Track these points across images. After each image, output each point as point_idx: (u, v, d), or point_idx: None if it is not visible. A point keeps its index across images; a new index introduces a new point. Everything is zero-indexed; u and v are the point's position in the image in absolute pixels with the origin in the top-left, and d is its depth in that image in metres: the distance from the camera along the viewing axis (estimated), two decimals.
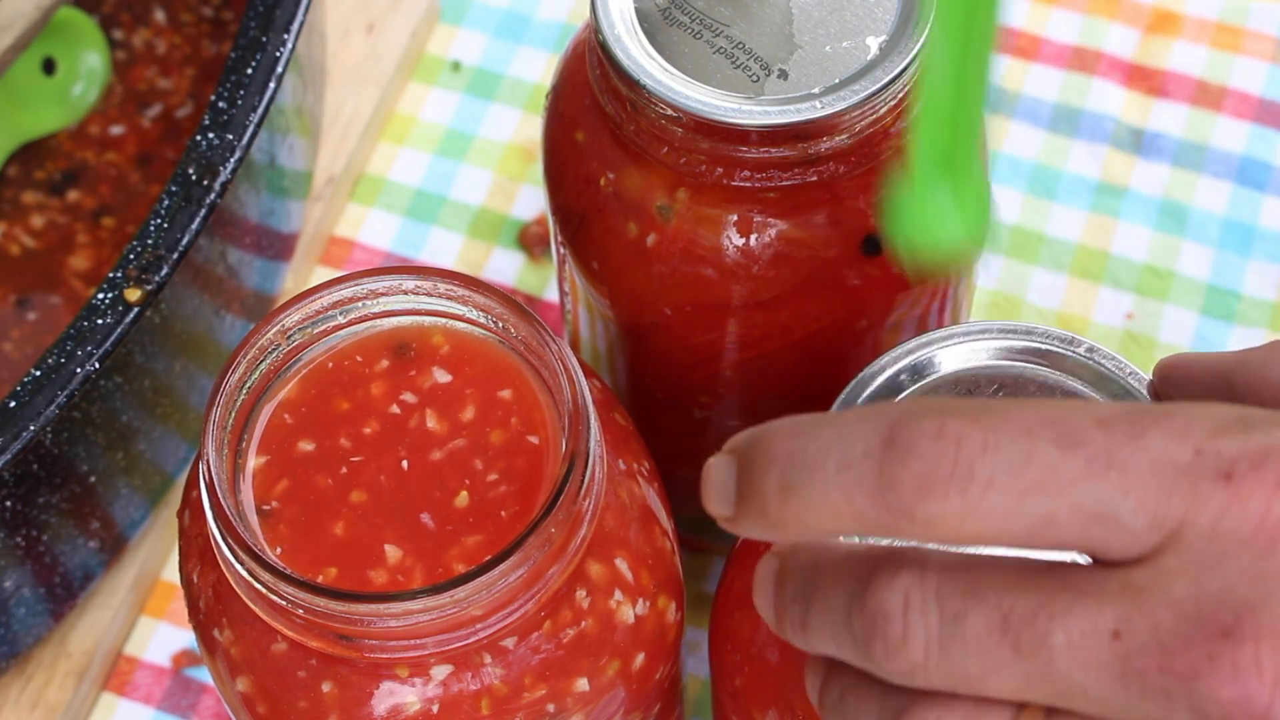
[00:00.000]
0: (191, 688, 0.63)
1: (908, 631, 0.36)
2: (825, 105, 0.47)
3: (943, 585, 0.36)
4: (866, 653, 0.36)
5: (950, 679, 0.36)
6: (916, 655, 0.36)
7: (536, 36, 0.75)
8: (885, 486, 0.35)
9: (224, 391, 0.45)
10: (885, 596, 0.36)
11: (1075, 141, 0.72)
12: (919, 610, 0.36)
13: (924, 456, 0.35)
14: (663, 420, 0.56)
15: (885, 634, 0.36)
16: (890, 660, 0.36)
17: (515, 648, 0.45)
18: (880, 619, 0.36)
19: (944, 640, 0.35)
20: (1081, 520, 0.35)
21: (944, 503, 0.35)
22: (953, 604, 0.36)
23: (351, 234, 0.71)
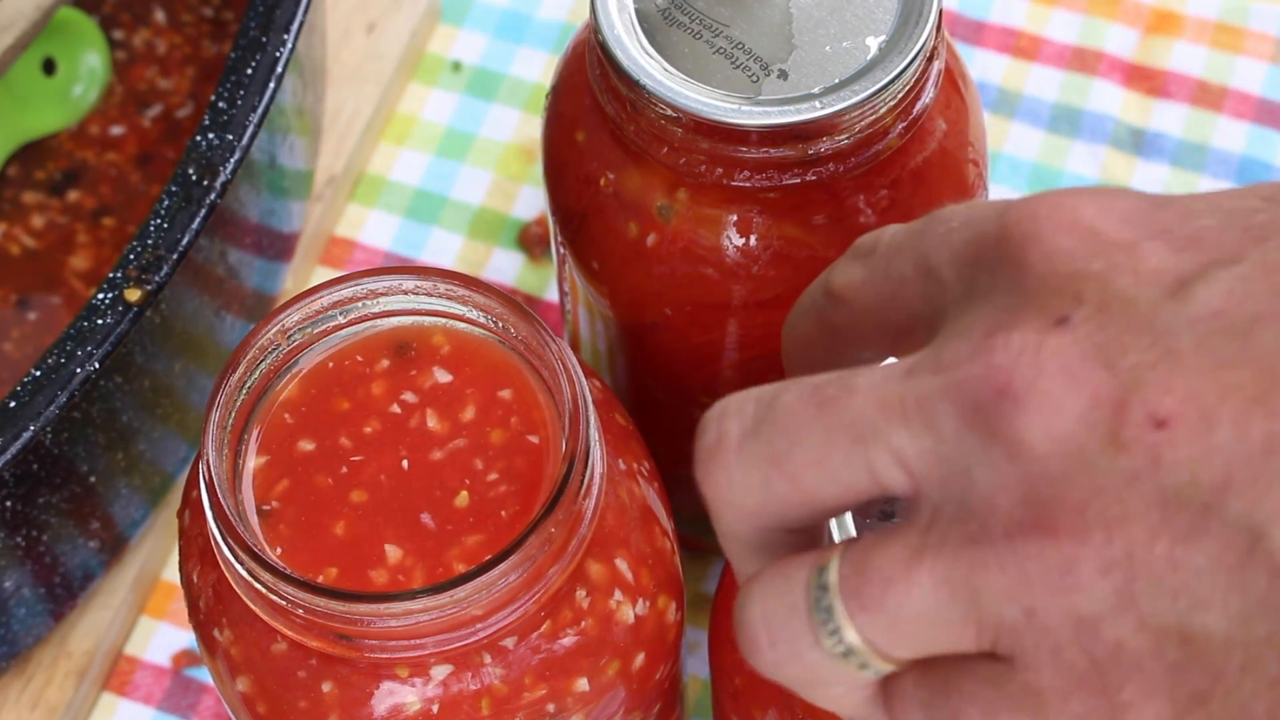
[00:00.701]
0: (191, 688, 0.63)
1: (720, 432, 0.36)
2: (825, 105, 0.47)
3: (763, 390, 0.37)
4: (704, 498, 0.37)
5: (761, 472, 0.36)
6: (728, 456, 0.36)
7: (536, 36, 0.75)
8: (823, 289, 0.40)
9: (224, 391, 0.45)
10: (706, 416, 0.37)
11: (1075, 141, 0.72)
12: (734, 412, 0.36)
13: (703, 430, 0.37)
14: (663, 420, 0.56)
15: (699, 445, 0.37)
16: (704, 474, 0.37)
17: (515, 647, 0.45)
18: (700, 433, 0.37)
19: (755, 427, 0.36)
20: (916, 276, 0.37)
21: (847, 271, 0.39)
22: (768, 393, 0.36)
23: (352, 234, 0.71)
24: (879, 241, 0.38)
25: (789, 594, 0.35)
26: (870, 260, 0.38)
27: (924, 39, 0.48)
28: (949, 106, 0.51)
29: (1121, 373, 0.33)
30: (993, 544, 0.33)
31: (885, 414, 0.34)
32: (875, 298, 0.38)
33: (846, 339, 0.40)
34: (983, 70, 0.73)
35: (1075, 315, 0.33)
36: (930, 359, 0.35)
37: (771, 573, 0.36)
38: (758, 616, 0.36)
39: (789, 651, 0.35)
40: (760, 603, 0.36)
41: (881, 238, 0.38)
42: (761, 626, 0.36)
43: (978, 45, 0.74)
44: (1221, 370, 0.32)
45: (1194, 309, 0.33)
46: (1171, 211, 0.35)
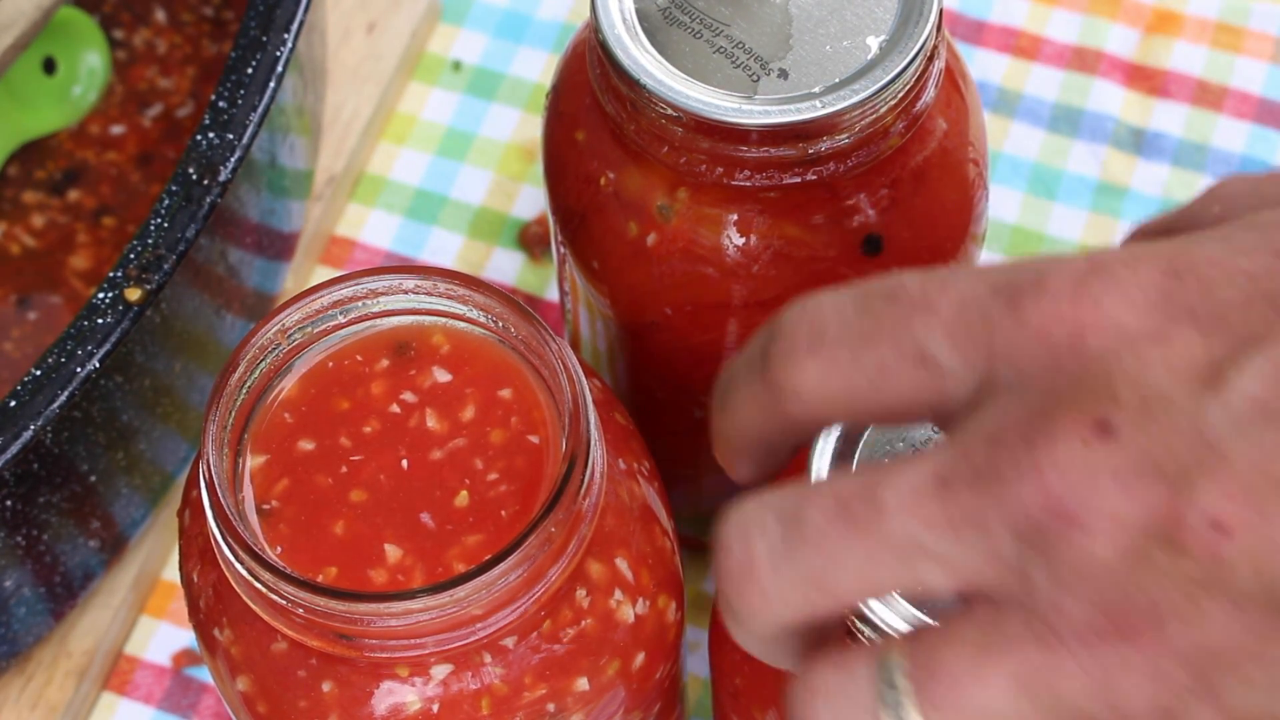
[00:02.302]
0: (192, 687, 0.63)
1: (747, 552, 0.35)
2: (825, 105, 0.47)
3: (777, 499, 0.36)
4: (725, 606, 0.36)
5: (801, 593, 0.35)
6: (762, 576, 0.35)
7: (537, 36, 0.75)
8: (764, 367, 0.37)
9: (224, 391, 0.45)
10: (720, 532, 0.36)
11: (1076, 141, 0.72)
12: (757, 529, 0.35)
13: (786, 330, 0.37)
14: (663, 420, 0.56)
15: (723, 564, 0.36)
16: (733, 594, 0.36)
17: (515, 647, 0.45)
18: (719, 552, 0.36)
19: (786, 546, 0.35)
20: (906, 363, 0.35)
21: (802, 366, 0.36)
22: (789, 507, 0.35)
23: (352, 234, 0.71)
24: (824, 326, 0.37)
25: (856, 694, 0.35)
26: (828, 352, 0.37)
27: (924, 38, 0.48)
28: (949, 106, 0.51)
29: (1174, 480, 0.33)
30: (1067, 647, 0.33)
31: (931, 531, 0.34)
32: (842, 390, 0.37)
33: (803, 425, 0.38)
34: (983, 70, 0.73)
35: (1116, 419, 0.33)
36: (965, 468, 0.34)
37: (831, 671, 0.36)
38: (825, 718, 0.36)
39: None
40: (826, 704, 0.35)
41: (827, 322, 0.37)
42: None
43: (978, 45, 0.74)
44: (1270, 463, 0.32)
45: (1233, 401, 0.33)
46: (1191, 287, 0.34)
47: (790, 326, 0.37)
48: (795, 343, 0.36)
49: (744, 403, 0.38)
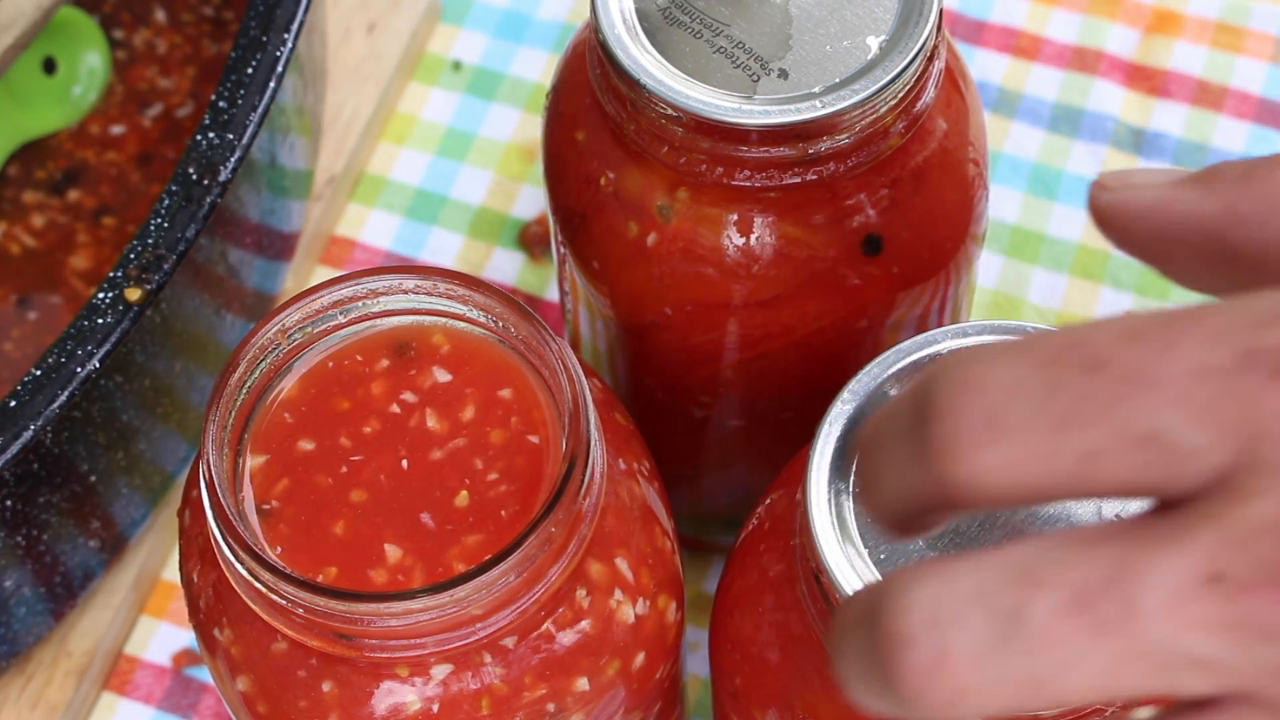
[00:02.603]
0: (192, 687, 0.63)
1: (941, 650, 0.30)
2: (825, 105, 0.47)
3: (980, 582, 0.30)
4: (892, 691, 0.31)
5: (1013, 693, 0.30)
6: (961, 676, 0.30)
7: (537, 36, 0.75)
8: (925, 454, 0.31)
9: (224, 391, 0.45)
10: (898, 617, 0.31)
11: (1076, 141, 0.72)
12: (952, 621, 0.30)
13: (951, 412, 0.31)
14: (663, 420, 0.56)
15: (908, 661, 0.30)
16: (924, 691, 0.30)
17: (515, 647, 0.45)
18: (896, 644, 0.31)
19: (1000, 644, 0.30)
20: (1128, 446, 0.30)
21: (980, 457, 0.31)
22: (1003, 599, 0.30)
23: (352, 234, 0.71)
24: (1003, 409, 0.31)
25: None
26: (1014, 441, 0.31)
27: (924, 38, 0.48)
28: (949, 106, 0.51)
29: None
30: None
31: (1203, 638, 0.29)
32: (1035, 480, 0.31)
33: (973, 508, 0.33)
34: (983, 70, 0.73)
35: None
36: (1244, 563, 0.29)
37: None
38: None
39: None
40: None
41: (1005, 403, 0.31)
42: None
43: (978, 45, 0.74)
44: None
45: None
46: None
47: (955, 405, 0.31)
48: (967, 429, 0.31)
49: (896, 482, 0.32)
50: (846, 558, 0.43)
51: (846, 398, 0.45)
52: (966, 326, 0.46)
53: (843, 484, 0.44)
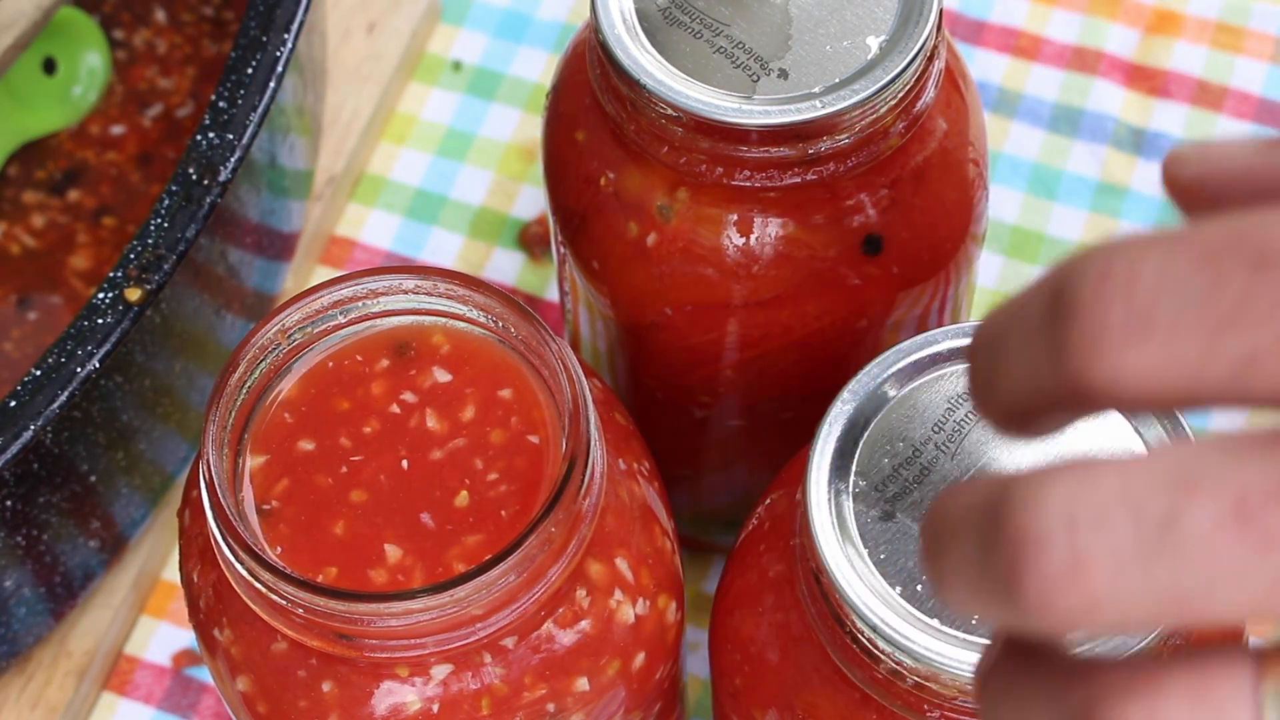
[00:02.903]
0: (192, 687, 0.63)
1: (1077, 554, 0.27)
2: (825, 105, 0.47)
3: (1128, 484, 0.28)
4: (1011, 598, 0.28)
5: (1153, 608, 0.28)
6: (1097, 584, 0.27)
7: (537, 36, 0.75)
8: (1061, 351, 0.28)
9: (224, 391, 0.45)
10: (1029, 515, 0.28)
11: (1076, 141, 0.72)
12: (1094, 523, 0.27)
13: (1094, 307, 0.28)
14: (663, 420, 0.56)
15: (1037, 565, 0.28)
16: (1052, 599, 0.28)
17: (515, 647, 0.45)
18: (1025, 545, 0.28)
19: (1146, 553, 0.27)
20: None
21: (1124, 357, 0.28)
22: (1155, 505, 0.27)
23: (352, 234, 0.71)
24: (1152, 304, 0.28)
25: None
26: (1163, 340, 0.28)
27: (924, 38, 0.48)
28: (949, 106, 0.51)
29: None
30: None
31: None
32: (1182, 383, 0.28)
33: (1105, 409, 0.30)
34: (983, 70, 0.73)
35: None
36: None
37: (1181, 696, 0.28)
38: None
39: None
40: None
41: (1153, 297, 0.28)
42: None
43: (978, 45, 0.74)
44: None
45: None
46: None
47: (1099, 299, 0.28)
48: (1111, 325, 0.28)
49: (1022, 379, 0.30)
50: (846, 558, 0.43)
51: (846, 398, 0.45)
52: (966, 327, 0.46)
53: (843, 484, 0.44)
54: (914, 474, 0.44)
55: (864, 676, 0.43)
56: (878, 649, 0.42)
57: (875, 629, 0.42)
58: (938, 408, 0.45)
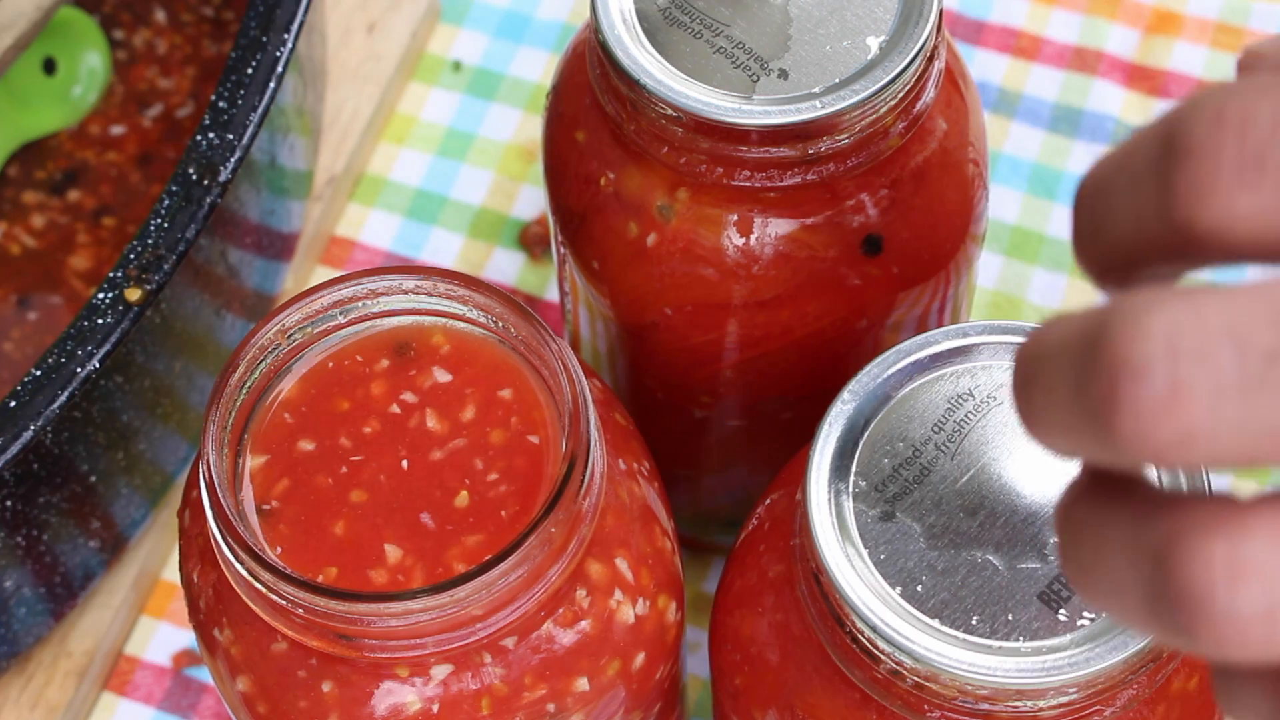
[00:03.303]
0: (192, 688, 0.63)
1: (1178, 383, 0.27)
2: (825, 105, 0.47)
3: (1234, 317, 0.27)
4: (1106, 427, 0.27)
5: (1251, 443, 0.27)
6: (1196, 416, 0.27)
7: (537, 36, 0.75)
8: (1171, 194, 0.28)
9: (224, 391, 0.45)
10: (1131, 342, 0.27)
11: (1076, 141, 0.72)
12: (1196, 354, 0.27)
13: (1208, 149, 0.27)
14: (663, 420, 0.56)
15: (1135, 393, 0.27)
16: (1148, 429, 0.27)
17: (515, 647, 0.45)
18: (1125, 373, 0.27)
19: (1249, 387, 0.27)
20: None
21: (1236, 201, 0.27)
22: (1262, 338, 0.27)
23: (352, 234, 0.71)
24: (1266, 145, 0.27)
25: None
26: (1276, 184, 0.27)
27: (924, 39, 0.48)
28: (949, 106, 0.51)
29: None
30: None
31: None
32: None
33: (1213, 259, 0.29)
34: (983, 70, 0.73)
35: None
36: None
37: (1267, 532, 0.27)
38: None
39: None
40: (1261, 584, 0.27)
41: (1267, 138, 0.27)
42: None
43: (978, 45, 0.74)
44: None
45: None
46: None
47: (1209, 140, 0.27)
48: (1224, 168, 0.27)
49: (1127, 222, 0.29)
50: (846, 558, 0.43)
51: (846, 398, 0.45)
52: (966, 327, 0.46)
53: (843, 484, 0.44)
54: (914, 474, 0.44)
55: (864, 676, 0.43)
56: (878, 649, 0.42)
57: (875, 629, 0.42)
58: (938, 408, 0.45)
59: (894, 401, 0.45)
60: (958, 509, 0.44)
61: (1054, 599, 0.43)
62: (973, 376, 0.46)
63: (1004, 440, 0.45)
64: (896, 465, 0.45)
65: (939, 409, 0.45)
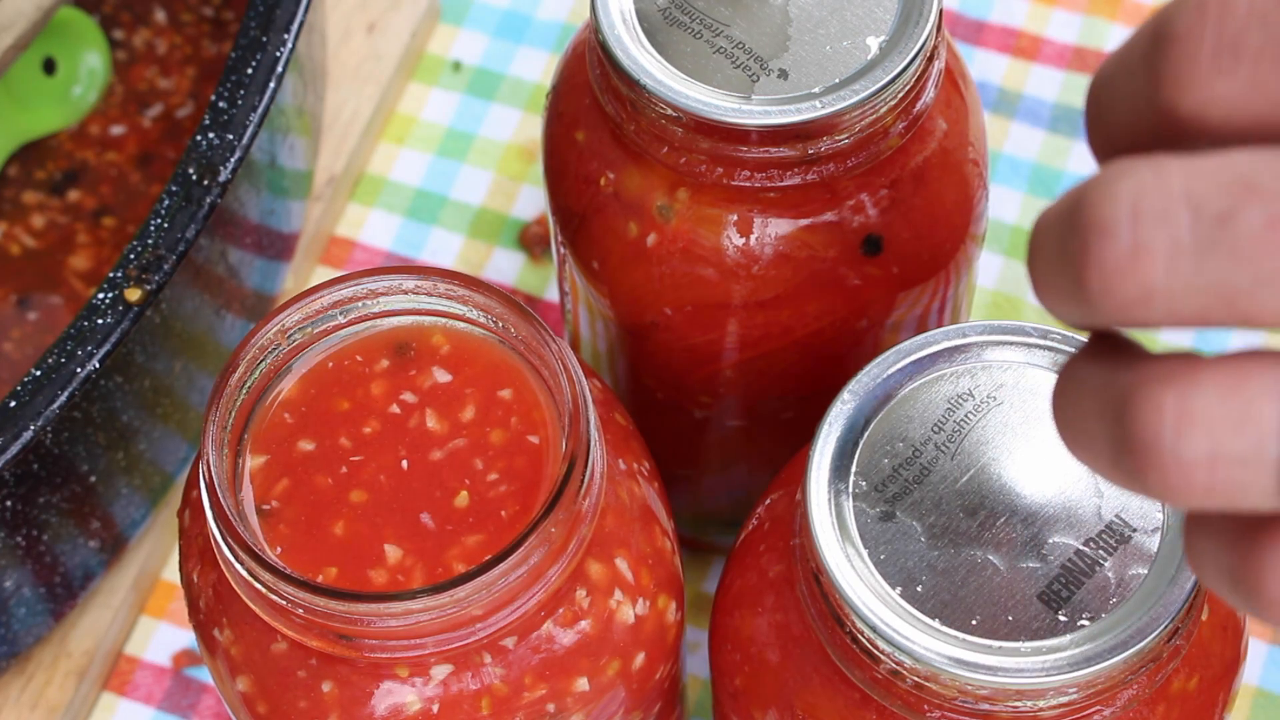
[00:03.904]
0: (192, 688, 0.63)
1: (1138, 243, 0.29)
2: (825, 105, 0.47)
3: (1192, 182, 0.29)
4: (1079, 284, 0.30)
5: (1201, 304, 0.29)
6: (1153, 274, 0.29)
7: (537, 36, 0.75)
8: (1154, 85, 0.30)
9: (224, 391, 0.45)
10: (1100, 205, 0.29)
11: (1076, 141, 0.72)
12: (1157, 216, 0.29)
13: (1185, 38, 0.29)
14: (663, 420, 0.56)
15: (1101, 252, 0.29)
16: (1113, 285, 0.29)
17: (515, 647, 0.45)
18: (1094, 233, 0.29)
19: (1201, 247, 0.29)
20: None
21: (1210, 86, 0.29)
22: (1215, 202, 0.29)
23: (352, 234, 0.71)
24: (1240, 30, 0.29)
25: (1254, 425, 0.29)
26: (1251, 67, 0.29)
27: (924, 39, 0.48)
28: (949, 106, 0.51)
29: None
30: None
31: None
32: (1269, 112, 0.29)
33: (1200, 139, 0.31)
34: (983, 70, 0.73)
35: None
36: None
37: (1215, 395, 0.29)
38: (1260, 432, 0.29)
39: None
40: (1205, 434, 0.29)
41: (1241, 22, 0.29)
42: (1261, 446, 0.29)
43: (978, 45, 0.74)
44: None
45: None
46: None
47: (1189, 29, 0.29)
48: (1197, 52, 0.29)
49: (1124, 111, 0.31)
50: (846, 558, 0.43)
51: (846, 398, 0.45)
52: (966, 327, 0.46)
53: (843, 484, 0.44)
54: (914, 474, 0.44)
55: (864, 676, 0.43)
56: (878, 649, 0.42)
57: (875, 629, 0.42)
58: (938, 408, 0.45)
59: (894, 401, 0.45)
60: (958, 509, 0.44)
61: (1054, 599, 0.43)
62: (973, 376, 0.46)
63: (1004, 440, 0.45)
64: (896, 465, 0.45)
65: (939, 409, 0.45)
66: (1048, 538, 0.43)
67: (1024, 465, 0.44)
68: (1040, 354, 0.46)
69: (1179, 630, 0.43)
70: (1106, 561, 0.43)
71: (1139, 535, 0.43)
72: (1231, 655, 0.46)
